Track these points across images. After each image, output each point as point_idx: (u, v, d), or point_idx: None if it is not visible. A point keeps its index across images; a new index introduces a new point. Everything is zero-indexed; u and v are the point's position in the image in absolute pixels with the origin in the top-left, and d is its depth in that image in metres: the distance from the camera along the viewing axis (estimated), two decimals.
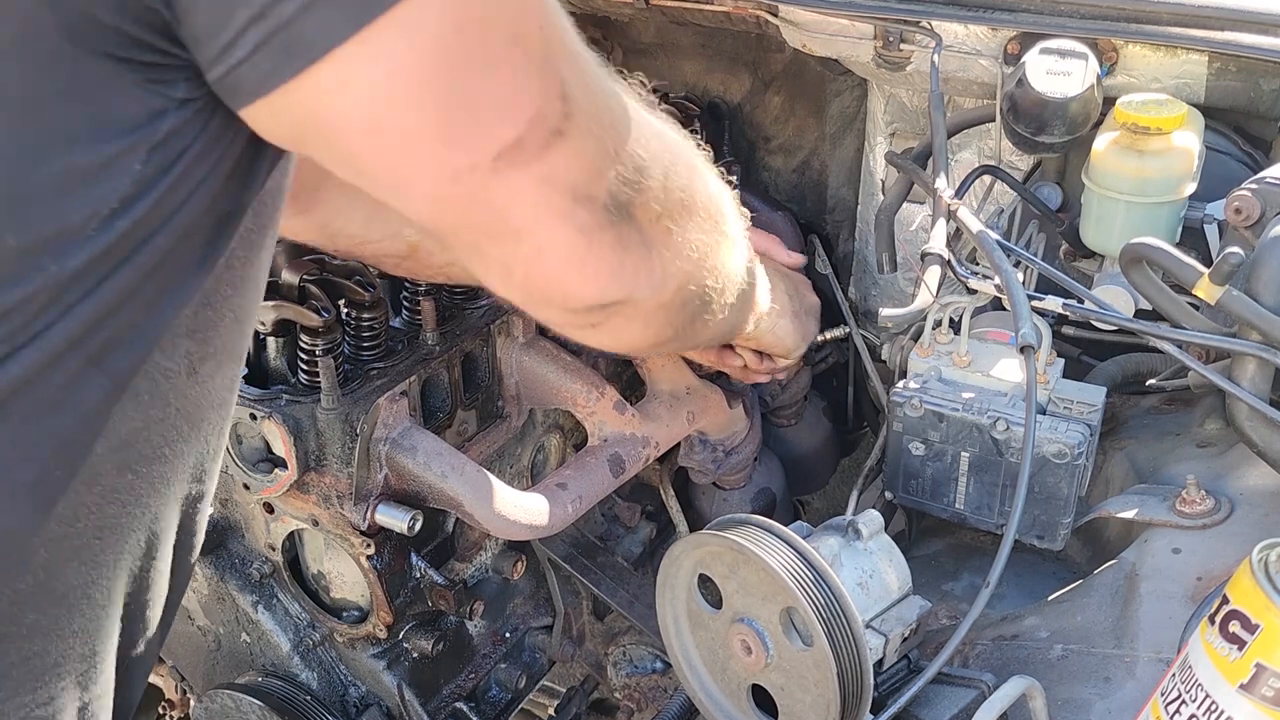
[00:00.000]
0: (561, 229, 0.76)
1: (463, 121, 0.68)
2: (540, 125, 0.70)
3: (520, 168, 0.70)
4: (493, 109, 0.68)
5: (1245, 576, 0.80)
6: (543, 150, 0.70)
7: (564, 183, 0.73)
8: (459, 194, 0.72)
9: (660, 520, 1.72)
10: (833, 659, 0.99)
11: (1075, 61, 1.26)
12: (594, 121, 0.74)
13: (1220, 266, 1.03)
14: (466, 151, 0.69)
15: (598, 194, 0.76)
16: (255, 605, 1.45)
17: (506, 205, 0.72)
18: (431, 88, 0.66)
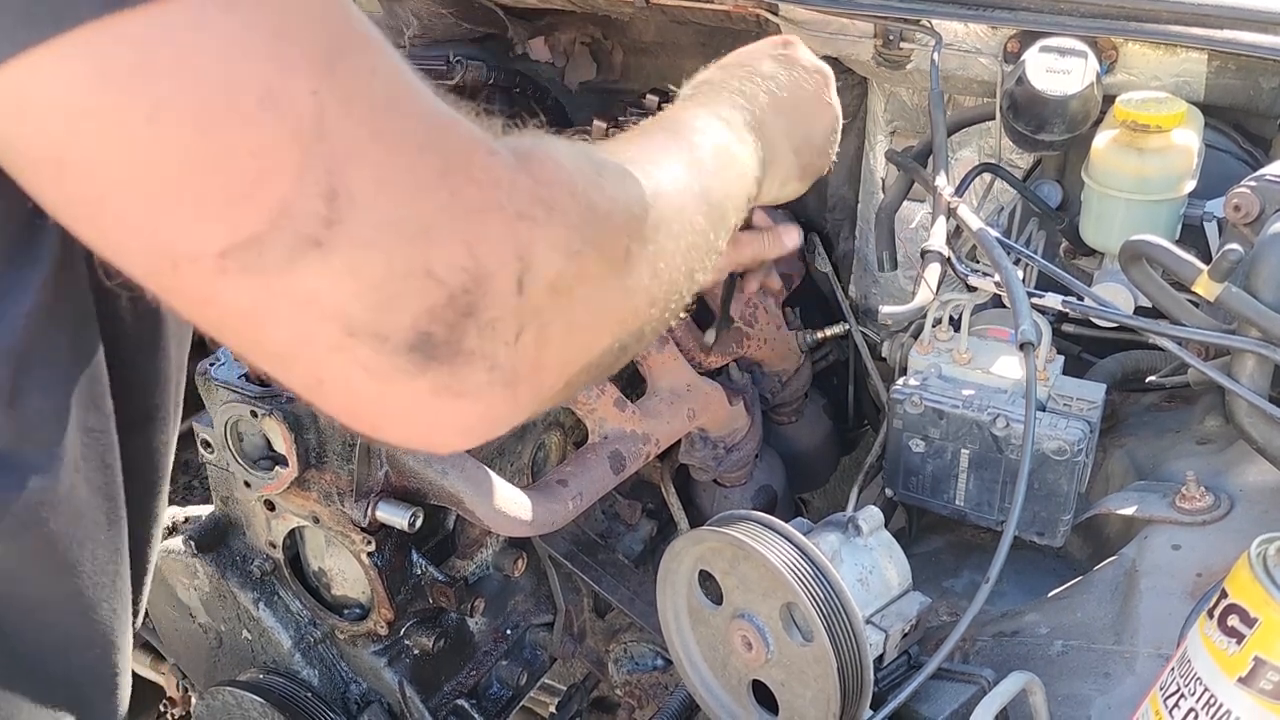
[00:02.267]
0: (339, 368, 0.55)
1: (174, 193, 0.50)
2: (287, 225, 0.50)
3: (256, 275, 0.51)
4: (218, 187, 0.49)
5: (1244, 570, 0.80)
6: (288, 260, 0.51)
7: (327, 308, 0.52)
8: (181, 286, 0.54)
9: (661, 518, 1.72)
10: (833, 654, 1.00)
11: (1075, 60, 1.26)
12: (385, 233, 0.52)
13: (1220, 263, 1.04)
14: (181, 235, 0.51)
15: (391, 331, 0.53)
16: (256, 602, 1.46)
17: (251, 321, 0.54)
18: (132, 135, 0.48)
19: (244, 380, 1.31)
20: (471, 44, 1.83)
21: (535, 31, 1.88)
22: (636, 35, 1.85)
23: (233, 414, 1.31)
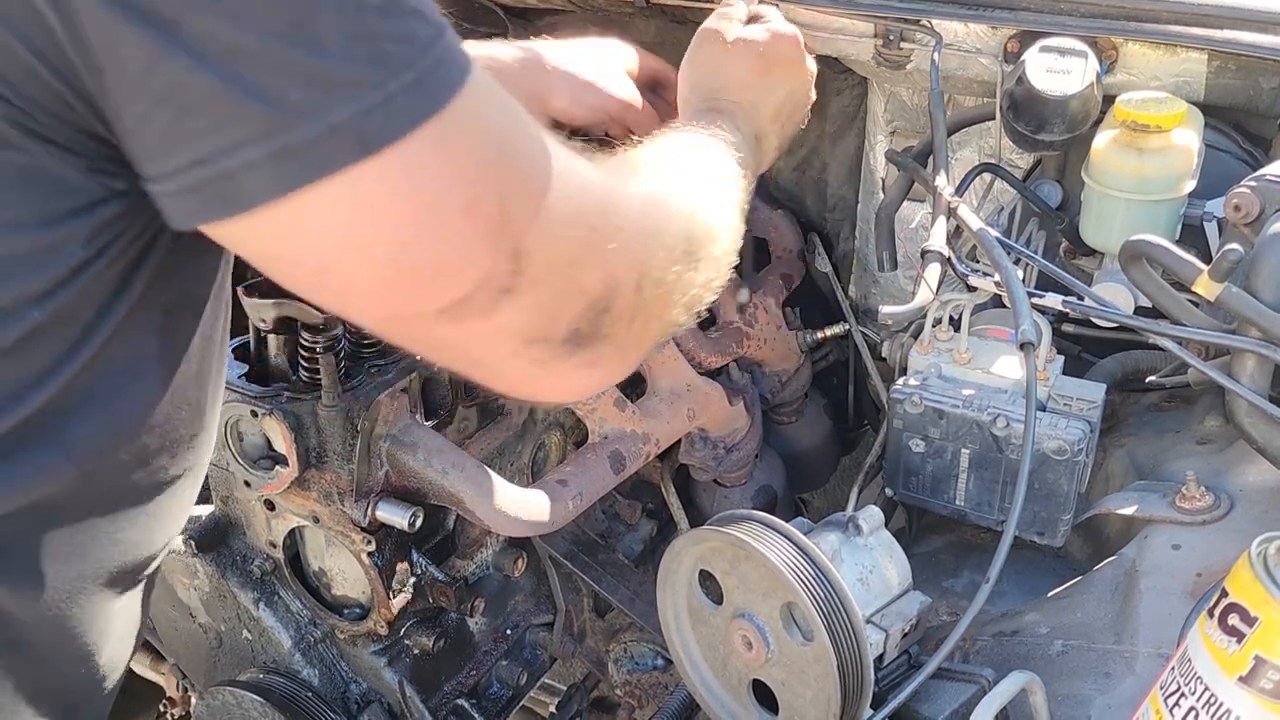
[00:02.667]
0: (515, 364, 0.75)
1: (405, 284, 0.68)
2: (487, 287, 0.68)
3: (463, 322, 0.70)
4: (436, 274, 0.67)
5: (1244, 570, 0.80)
6: (489, 309, 0.70)
7: (513, 332, 0.72)
8: (404, 332, 0.74)
9: (661, 518, 1.72)
10: (833, 654, 1.00)
11: (1075, 60, 1.26)
12: (554, 275, 0.72)
13: (1220, 263, 1.04)
14: (408, 305, 0.69)
15: (554, 334, 0.74)
16: (256, 602, 1.46)
17: (455, 345, 0.74)
18: (371, 253, 0.65)
19: (244, 380, 1.31)
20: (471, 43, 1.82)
21: (535, 31, 1.88)
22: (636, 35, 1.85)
23: (233, 414, 1.31)
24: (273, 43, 0.58)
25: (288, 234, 0.64)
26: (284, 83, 0.59)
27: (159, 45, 0.58)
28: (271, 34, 0.58)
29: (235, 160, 0.60)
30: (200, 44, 0.58)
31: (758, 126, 1.16)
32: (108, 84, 0.60)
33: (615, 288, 0.76)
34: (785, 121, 1.22)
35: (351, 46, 0.60)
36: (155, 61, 0.58)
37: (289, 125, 0.60)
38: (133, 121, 0.61)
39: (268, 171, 0.60)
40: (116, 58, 0.59)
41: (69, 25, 0.58)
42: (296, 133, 0.60)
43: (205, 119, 0.60)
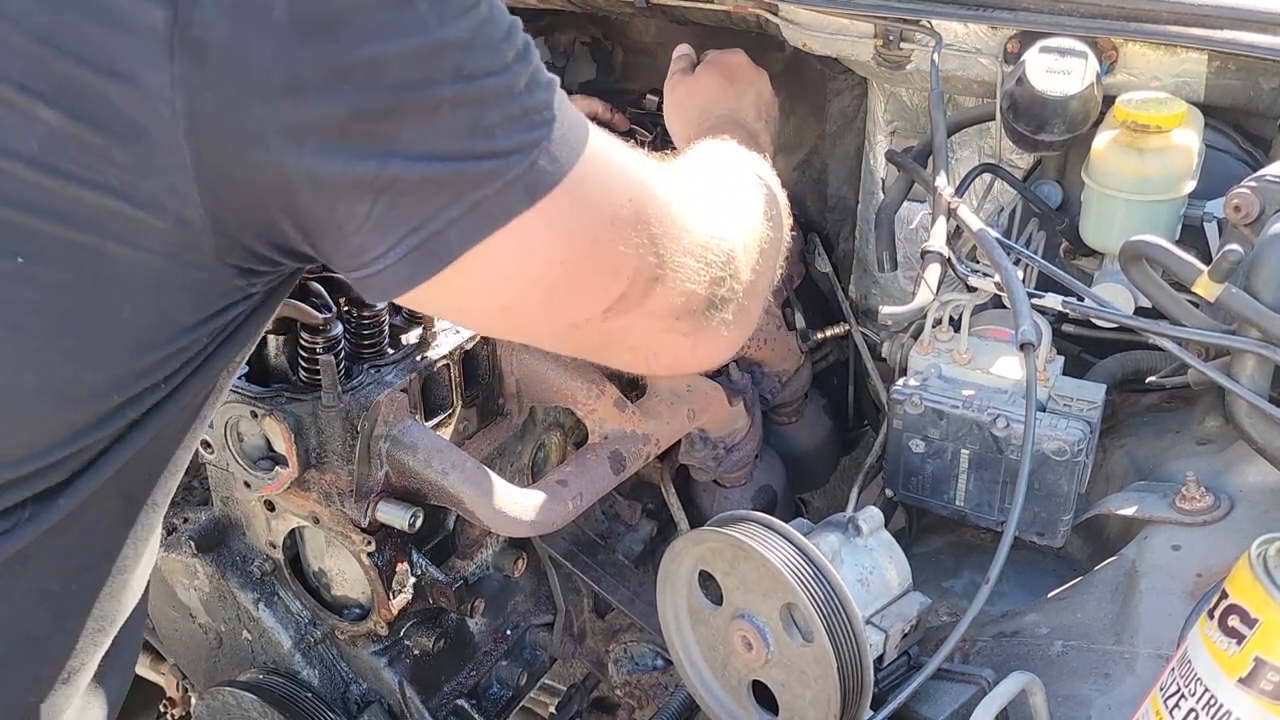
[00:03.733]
0: (669, 339, 0.93)
1: (576, 295, 0.85)
2: (639, 279, 0.85)
3: (625, 313, 0.87)
4: (599, 280, 0.84)
5: (1244, 571, 0.80)
6: (644, 297, 0.87)
7: (665, 311, 0.89)
8: (576, 337, 0.92)
9: (661, 518, 1.72)
10: (833, 655, 1.00)
11: (1075, 60, 1.26)
12: (685, 254, 0.88)
13: (1220, 264, 1.04)
14: (580, 313, 0.86)
15: (696, 306, 0.91)
16: (256, 603, 1.46)
17: (620, 337, 0.90)
18: (547, 277, 0.82)
19: (244, 380, 1.31)
20: None
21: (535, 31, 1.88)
22: (637, 35, 1.85)
23: (233, 414, 1.31)
24: (461, 140, 0.74)
25: (480, 280, 0.79)
26: (469, 159, 0.75)
27: (379, 165, 0.73)
28: (458, 133, 0.74)
29: (440, 220, 0.75)
30: (408, 150, 0.73)
31: (749, 126, 1.38)
32: (337, 211, 0.75)
33: (732, 255, 0.94)
34: (767, 118, 1.45)
35: (513, 125, 0.76)
36: (374, 176, 0.73)
37: (478, 185, 0.75)
38: (353, 227, 0.75)
39: (465, 224, 0.75)
40: (341, 192, 0.74)
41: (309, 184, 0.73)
42: (483, 190, 0.75)
43: (416, 197, 0.74)
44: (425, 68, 0.72)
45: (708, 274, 0.91)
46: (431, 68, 0.73)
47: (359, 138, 0.72)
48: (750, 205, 1.03)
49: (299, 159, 0.72)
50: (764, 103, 1.46)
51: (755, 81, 1.46)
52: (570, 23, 1.88)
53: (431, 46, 0.72)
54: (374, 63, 0.71)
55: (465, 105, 0.74)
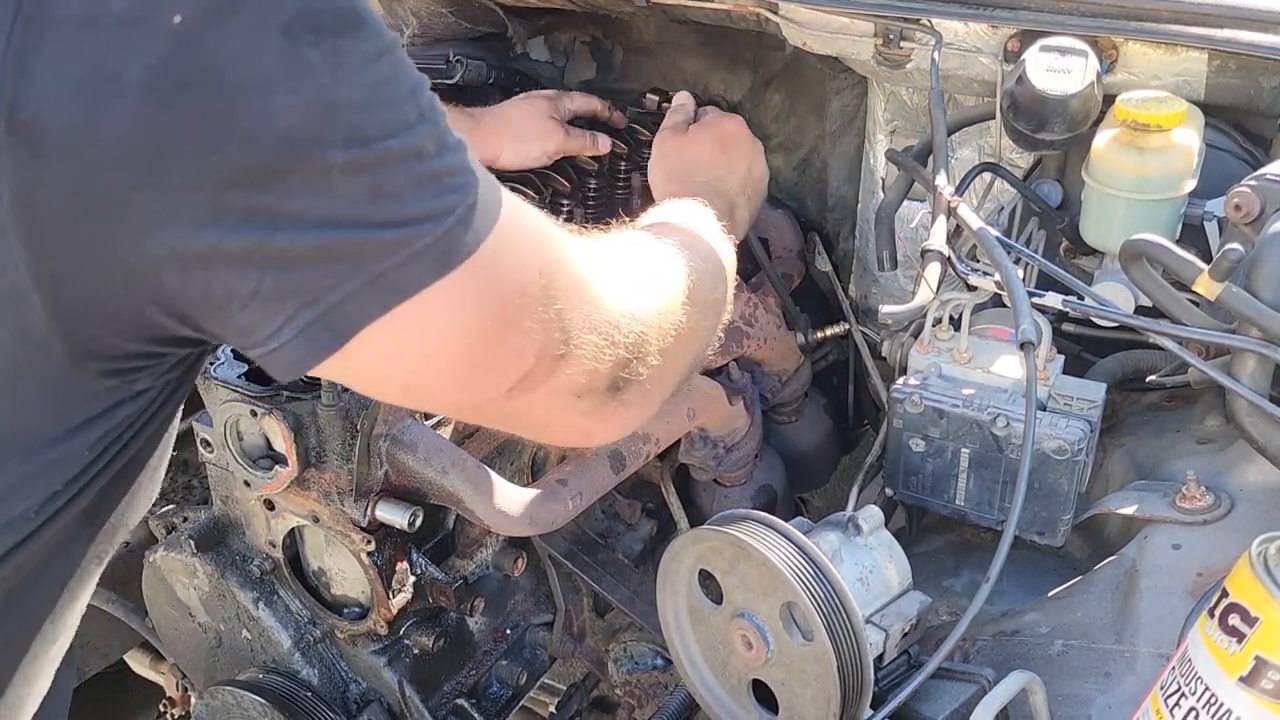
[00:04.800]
0: (566, 417, 0.87)
1: (481, 374, 0.78)
2: (544, 357, 0.79)
3: (529, 391, 0.81)
4: (505, 359, 0.78)
5: (1244, 570, 0.80)
6: (548, 375, 0.81)
7: (567, 390, 0.83)
8: (479, 414, 0.89)
9: (661, 517, 1.72)
10: (833, 654, 0.99)
11: (1075, 59, 1.26)
12: (592, 331, 0.82)
13: (1220, 263, 1.04)
14: (484, 393, 0.80)
15: (599, 385, 0.86)
16: (256, 602, 1.45)
17: (521, 413, 0.85)
18: (453, 356, 0.75)
19: (244, 379, 1.30)
20: (471, 43, 1.82)
21: (535, 31, 1.88)
22: (637, 35, 1.85)
23: (232, 413, 1.31)
24: (360, 205, 0.67)
25: (380, 355, 0.72)
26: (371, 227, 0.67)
27: (261, 236, 0.65)
28: (356, 198, 0.67)
29: (338, 292, 0.68)
30: (298, 219, 0.65)
31: (729, 199, 1.33)
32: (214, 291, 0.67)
33: (643, 337, 0.88)
34: (751, 194, 1.41)
35: (423, 189, 0.69)
36: (256, 249, 0.65)
37: (382, 254, 0.68)
38: (237, 306, 0.68)
39: (365, 295, 0.68)
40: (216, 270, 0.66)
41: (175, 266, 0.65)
42: (388, 260, 0.68)
43: (309, 268, 0.67)
44: (314, 128, 0.64)
45: (613, 354, 0.85)
46: (322, 128, 0.65)
47: (236, 209, 0.64)
48: (674, 287, 0.96)
49: (159, 240, 0.64)
50: (753, 178, 1.42)
51: (749, 155, 1.42)
52: (570, 22, 1.87)
53: (322, 105, 0.65)
54: (253, 123, 0.63)
55: (364, 169, 0.66)
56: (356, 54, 0.66)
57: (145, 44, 0.61)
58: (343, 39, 0.66)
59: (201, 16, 0.61)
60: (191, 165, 0.63)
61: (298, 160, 0.65)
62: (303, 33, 0.64)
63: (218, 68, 0.62)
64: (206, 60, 0.62)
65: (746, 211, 1.39)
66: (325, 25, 0.65)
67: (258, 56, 0.63)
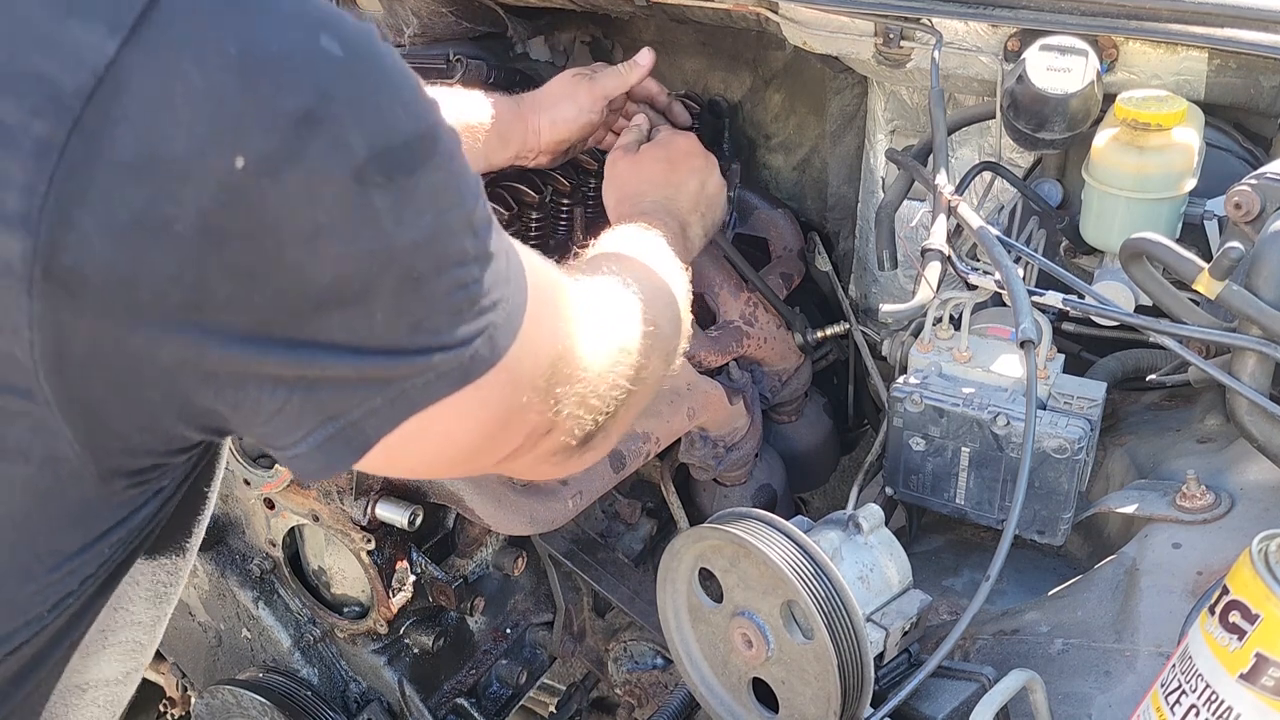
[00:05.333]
0: (542, 468, 0.91)
1: (480, 456, 0.82)
2: (535, 434, 0.83)
3: (516, 460, 0.85)
4: (503, 443, 0.82)
5: (1245, 567, 0.80)
6: (534, 447, 0.84)
7: (547, 453, 0.87)
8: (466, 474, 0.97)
9: (661, 517, 1.72)
10: (833, 652, 0.99)
11: (1075, 58, 1.26)
12: (579, 407, 0.85)
13: (1220, 261, 1.04)
14: (478, 467, 0.86)
15: (571, 443, 0.88)
16: (256, 601, 1.46)
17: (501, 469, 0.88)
18: (460, 450, 0.79)
19: None
20: (471, 43, 1.82)
21: (535, 30, 1.88)
22: (636, 34, 1.85)
23: None
24: (398, 336, 0.67)
25: (390, 454, 0.73)
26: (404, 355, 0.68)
27: (296, 361, 0.65)
28: (394, 330, 0.67)
29: (360, 410, 0.69)
30: (333, 348, 0.65)
31: (681, 218, 1.33)
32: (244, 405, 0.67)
33: (618, 400, 0.91)
34: (705, 210, 1.40)
35: (459, 318, 0.69)
36: (291, 372, 0.66)
37: (407, 376, 0.69)
38: (262, 419, 0.68)
39: (385, 413, 0.69)
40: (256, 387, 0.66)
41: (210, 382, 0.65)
42: (411, 380, 0.69)
43: (336, 389, 0.68)
44: (368, 275, 0.64)
45: (591, 420, 0.88)
46: (376, 276, 0.64)
47: (274, 337, 0.63)
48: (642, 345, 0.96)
49: (196, 365, 0.63)
50: (705, 194, 1.40)
51: (699, 171, 1.40)
52: (570, 21, 1.87)
53: (381, 253, 0.63)
54: (304, 269, 0.62)
55: (408, 309, 0.66)
56: (425, 188, 0.65)
57: (200, 189, 0.58)
58: (414, 174, 0.64)
59: (264, 161, 0.59)
60: (235, 304, 0.62)
61: (344, 303, 0.64)
62: (374, 175, 0.62)
63: (275, 215, 0.60)
64: (264, 206, 0.60)
65: (700, 229, 1.38)
66: (399, 163, 0.63)
67: (319, 203, 0.61)
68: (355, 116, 0.61)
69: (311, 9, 0.62)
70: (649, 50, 1.49)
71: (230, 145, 0.58)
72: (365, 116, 0.62)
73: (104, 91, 0.57)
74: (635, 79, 1.50)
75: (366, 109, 0.62)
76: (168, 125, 0.58)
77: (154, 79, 0.57)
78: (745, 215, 1.76)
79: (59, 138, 0.57)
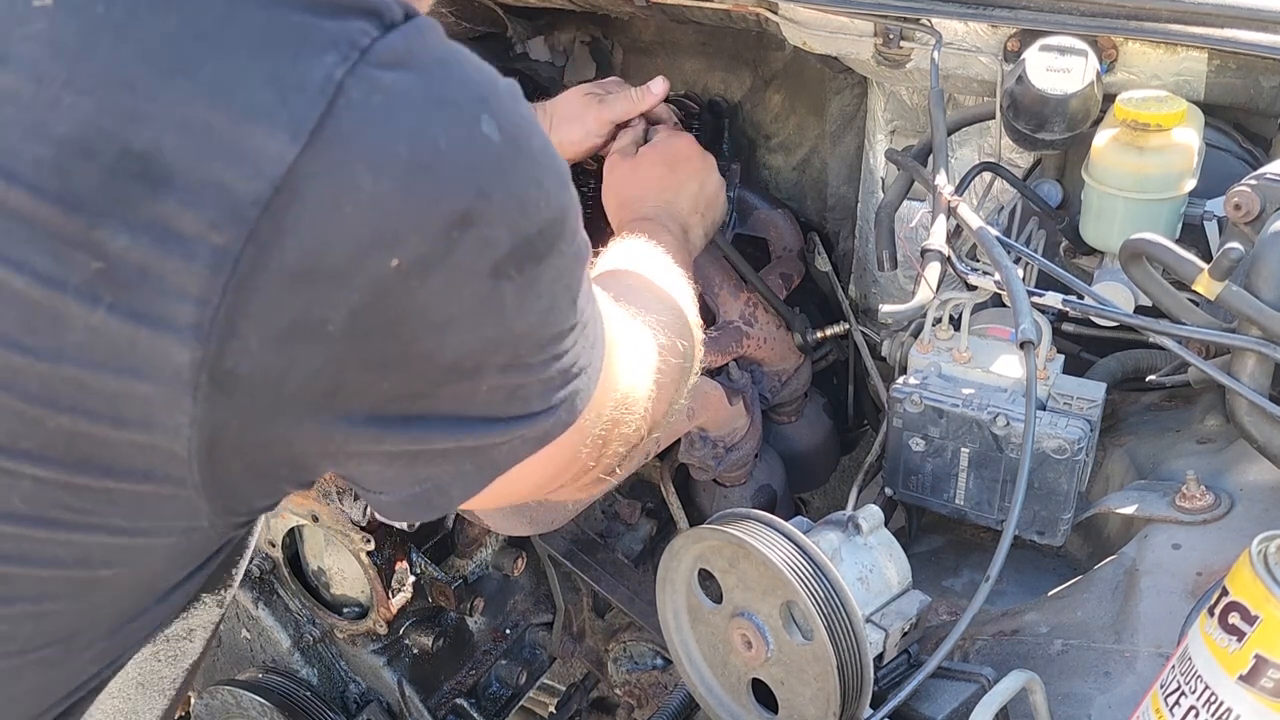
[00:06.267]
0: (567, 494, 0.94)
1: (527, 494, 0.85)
2: (580, 473, 0.87)
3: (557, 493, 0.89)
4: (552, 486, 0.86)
5: (1245, 568, 0.80)
6: (575, 482, 0.88)
7: (586, 485, 0.92)
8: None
9: (661, 517, 1.72)
10: (833, 653, 0.99)
11: (1075, 58, 1.26)
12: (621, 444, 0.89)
13: (1220, 262, 1.04)
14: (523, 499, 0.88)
15: (604, 472, 0.93)
16: (255, 602, 1.46)
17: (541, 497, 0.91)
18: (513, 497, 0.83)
19: None
20: (471, 43, 1.82)
21: (535, 30, 1.88)
22: (636, 35, 1.85)
23: None
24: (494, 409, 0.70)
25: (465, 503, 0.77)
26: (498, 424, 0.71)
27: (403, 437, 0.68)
28: (493, 405, 0.70)
29: (450, 474, 0.73)
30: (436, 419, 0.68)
31: (682, 220, 1.34)
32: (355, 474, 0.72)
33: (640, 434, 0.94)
34: (705, 211, 1.40)
35: (549, 390, 0.72)
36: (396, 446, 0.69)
37: (498, 444, 0.72)
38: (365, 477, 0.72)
39: (471, 478, 0.74)
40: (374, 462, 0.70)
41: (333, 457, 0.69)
42: (501, 447, 0.73)
43: (431, 458, 0.71)
44: (482, 357, 0.67)
45: (624, 451, 0.92)
46: (490, 357, 0.67)
47: (394, 417, 0.67)
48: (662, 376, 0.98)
49: (324, 444, 0.67)
50: (705, 195, 1.41)
51: (698, 173, 1.41)
52: (570, 21, 1.87)
53: (499, 339, 0.67)
54: (430, 354, 0.65)
55: (510, 385, 0.69)
56: (549, 274, 0.68)
57: (353, 291, 0.60)
58: (544, 261, 0.67)
59: (417, 262, 0.60)
60: (366, 391, 0.65)
61: (457, 381, 0.67)
62: (509, 269, 0.64)
63: (416, 310, 0.62)
64: (408, 304, 0.62)
65: (701, 229, 1.39)
66: (532, 253, 0.66)
67: (457, 296, 0.63)
68: (504, 213, 0.63)
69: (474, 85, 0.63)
70: (663, 80, 1.49)
71: (388, 249, 0.59)
72: (512, 211, 0.63)
73: (279, 202, 0.57)
74: (646, 106, 1.49)
75: (514, 204, 0.64)
76: (334, 234, 0.58)
77: (327, 188, 0.58)
78: (745, 215, 1.76)
79: (234, 249, 0.57)
